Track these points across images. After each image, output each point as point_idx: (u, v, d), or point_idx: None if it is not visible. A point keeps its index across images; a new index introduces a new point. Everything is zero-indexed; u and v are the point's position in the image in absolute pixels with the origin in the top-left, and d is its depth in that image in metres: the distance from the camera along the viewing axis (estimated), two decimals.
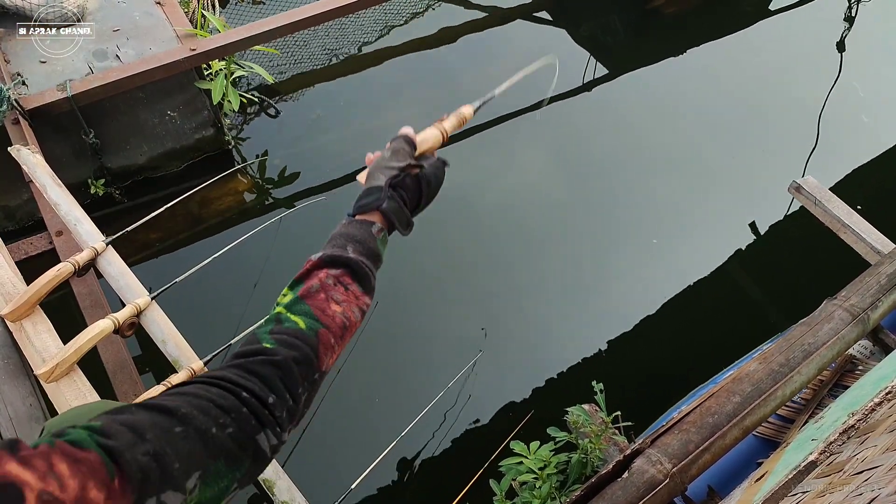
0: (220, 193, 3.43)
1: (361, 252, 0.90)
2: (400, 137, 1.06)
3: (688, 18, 4.68)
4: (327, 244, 0.91)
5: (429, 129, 1.12)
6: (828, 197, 2.71)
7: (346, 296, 0.86)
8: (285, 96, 3.93)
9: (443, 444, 2.68)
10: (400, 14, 4.44)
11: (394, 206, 0.95)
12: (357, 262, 0.88)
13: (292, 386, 0.74)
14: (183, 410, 0.64)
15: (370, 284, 0.89)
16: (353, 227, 0.92)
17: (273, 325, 0.80)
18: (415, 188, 1.01)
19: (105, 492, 0.53)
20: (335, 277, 0.86)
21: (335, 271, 0.86)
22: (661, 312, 3.15)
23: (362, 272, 0.88)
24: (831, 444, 1.50)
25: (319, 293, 0.84)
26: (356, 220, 0.94)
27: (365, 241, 0.91)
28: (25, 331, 1.96)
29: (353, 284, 0.87)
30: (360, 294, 0.87)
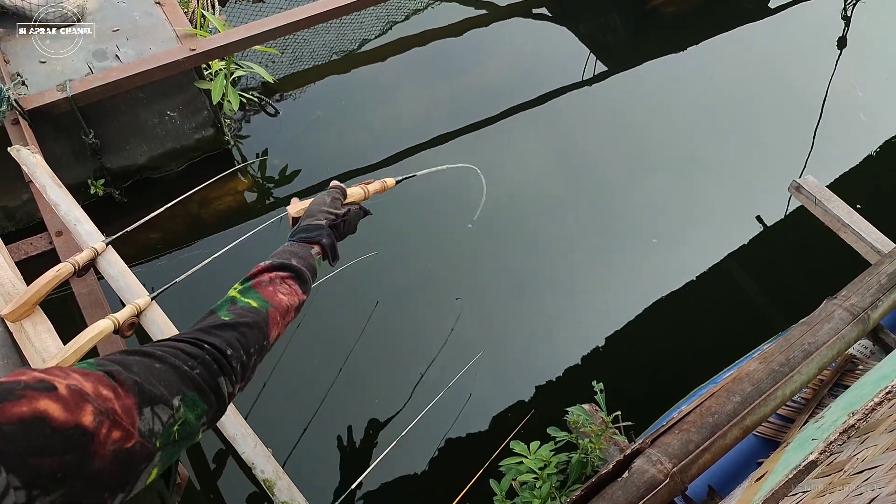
0: (220, 193, 3.43)
1: (303, 264, 1.12)
2: (336, 189, 1.34)
3: (687, 17, 4.68)
4: (273, 256, 1.13)
5: (356, 186, 1.43)
6: (828, 196, 2.71)
7: (290, 291, 1.07)
8: (285, 95, 3.93)
9: (443, 444, 2.68)
10: (400, 10, 4.44)
11: (329, 243, 1.23)
12: (300, 269, 1.10)
13: (245, 344, 0.91)
14: (159, 352, 0.79)
15: (307, 286, 1.12)
16: (295, 247, 1.18)
17: (229, 304, 0.99)
18: (343, 228, 1.31)
19: (112, 392, 0.67)
20: (281, 278, 1.07)
21: (283, 273, 1.08)
22: (661, 312, 3.15)
23: (304, 276, 1.10)
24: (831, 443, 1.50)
25: (268, 286, 1.05)
26: (298, 243, 1.19)
27: (306, 258, 1.15)
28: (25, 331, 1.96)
29: (295, 284, 1.08)
30: (300, 293, 1.09)
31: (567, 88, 4.10)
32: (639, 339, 3.07)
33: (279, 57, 4.07)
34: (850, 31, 4.59)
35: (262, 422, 2.50)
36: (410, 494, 2.58)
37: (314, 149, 3.72)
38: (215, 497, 2.51)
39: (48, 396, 0.60)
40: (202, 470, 2.56)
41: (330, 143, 3.75)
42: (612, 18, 4.72)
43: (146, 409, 0.70)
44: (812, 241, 3.38)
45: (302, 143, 3.73)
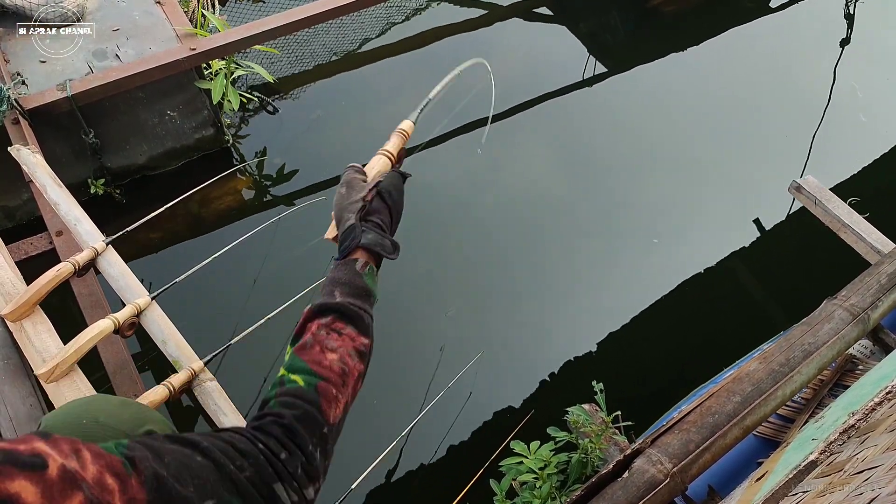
0: (220, 193, 3.43)
1: (348, 293, 0.91)
2: (350, 170, 1.06)
3: (688, 17, 4.68)
4: (319, 294, 0.93)
5: (375, 156, 1.14)
6: (828, 197, 2.71)
7: (341, 341, 0.86)
8: (285, 95, 3.93)
9: (443, 444, 2.68)
10: (401, 11, 4.44)
11: (372, 237, 0.96)
12: (344, 305, 0.89)
13: (301, 443, 0.76)
14: (204, 444, 0.68)
15: (364, 323, 0.90)
16: (338, 270, 0.94)
17: (277, 388, 0.82)
18: (383, 208, 1.02)
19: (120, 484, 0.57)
20: (326, 326, 0.87)
21: (325, 319, 0.87)
22: (661, 312, 3.15)
23: (351, 313, 0.89)
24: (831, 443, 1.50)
25: (314, 346, 0.85)
26: (340, 263, 0.95)
27: (351, 282, 0.92)
28: (25, 331, 1.96)
29: (346, 328, 0.87)
30: (356, 335, 0.88)
31: (567, 88, 4.09)
32: (639, 339, 3.07)
33: (279, 57, 4.07)
34: (853, 30, 4.59)
35: None
36: (410, 494, 2.58)
37: (314, 148, 3.72)
38: None
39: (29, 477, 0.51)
40: None
41: (330, 142, 3.75)
42: (612, 18, 4.72)
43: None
44: (812, 242, 3.38)
45: (302, 142, 3.73)
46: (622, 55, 4.44)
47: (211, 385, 1.93)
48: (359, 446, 2.65)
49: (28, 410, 1.87)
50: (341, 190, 1.02)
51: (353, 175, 1.04)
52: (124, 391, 2.08)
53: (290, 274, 3.02)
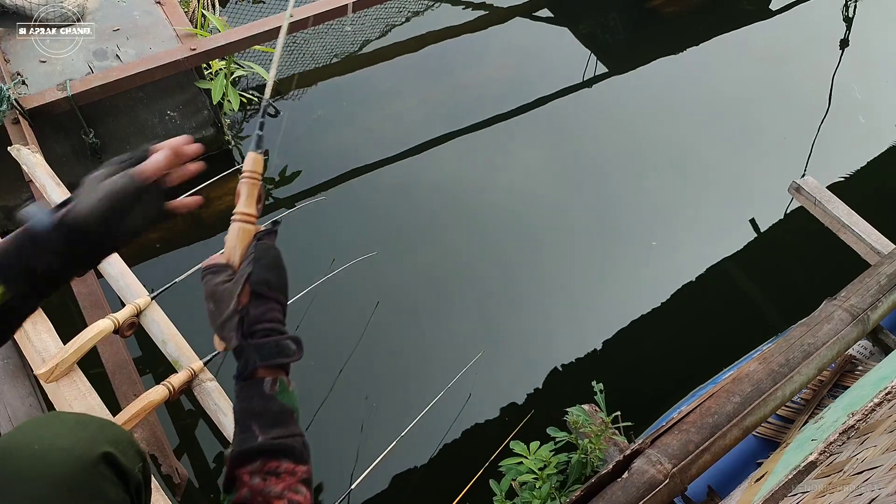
0: (220, 193, 3.43)
1: (267, 425, 0.83)
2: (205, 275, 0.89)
3: (688, 18, 4.68)
4: (235, 427, 0.85)
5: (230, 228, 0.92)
6: (827, 197, 2.71)
7: (282, 482, 0.80)
8: (286, 96, 3.93)
9: (443, 444, 2.68)
10: (401, 13, 4.44)
11: (267, 352, 0.85)
12: (268, 444, 0.81)
13: None
14: None
15: (296, 452, 0.83)
16: (244, 397, 0.85)
17: None
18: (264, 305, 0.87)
19: None
20: (259, 473, 0.80)
21: (254, 465, 0.81)
22: (660, 312, 3.15)
23: (278, 448, 0.82)
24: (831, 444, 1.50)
25: (255, 499, 0.79)
26: (243, 386, 0.86)
27: (265, 410, 0.84)
28: (25, 331, 1.96)
29: (281, 464, 0.81)
30: (294, 467, 0.82)
31: (567, 90, 4.10)
32: (638, 339, 3.07)
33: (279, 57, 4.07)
34: (851, 32, 4.59)
35: None
36: (410, 494, 2.58)
37: (315, 149, 3.72)
38: (215, 497, 2.51)
39: None
40: (202, 470, 2.56)
41: (330, 143, 3.75)
42: (612, 19, 4.73)
43: None
44: (812, 242, 3.38)
45: (302, 143, 3.73)
46: (622, 56, 4.45)
47: (211, 385, 1.93)
48: (359, 446, 2.65)
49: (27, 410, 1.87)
50: (209, 306, 0.88)
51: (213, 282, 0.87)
52: (124, 391, 2.08)
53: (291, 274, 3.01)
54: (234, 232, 0.90)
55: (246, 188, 0.94)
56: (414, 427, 2.39)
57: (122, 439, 1.04)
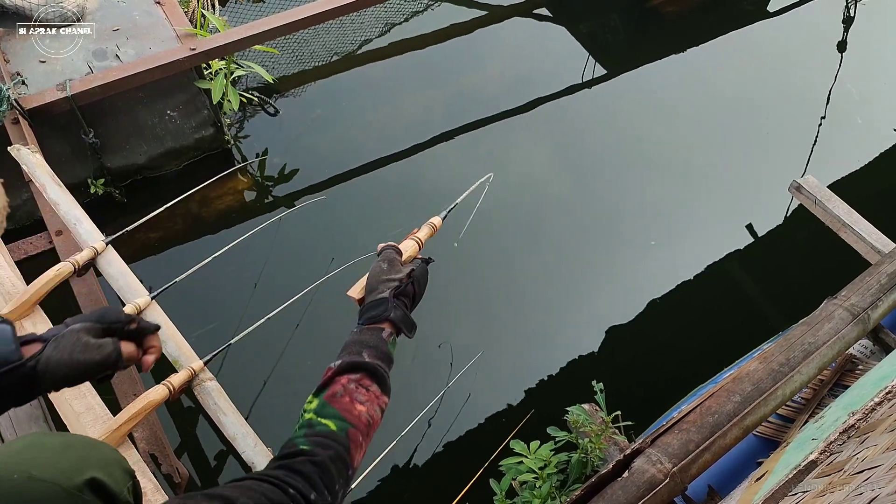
0: (220, 193, 3.43)
1: (376, 356, 1.00)
2: (389, 249, 1.21)
3: (688, 18, 4.68)
4: (343, 352, 1.01)
5: (407, 240, 1.33)
6: (828, 196, 2.70)
7: (368, 396, 0.96)
8: (285, 95, 3.93)
9: (443, 444, 2.68)
10: (400, 12, 4.44)
11: (400, 314, 1.07)
12: (374, 366, 0.98)
13: (330, 483, 0.85)
14: (241, 501, 0.75)
15: (387, 385, 1.00)
16: (365, 334, 1.03)
17: (306, 429, 0.90)
18: (411, 293, 1.14)
19: None
20: (356, 381, 0.96)
21: (355, 375, 0.96)
22: (661, 312, 3.15)
23: (379, 374, 0.98)
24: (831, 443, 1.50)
25: (344, 397, 0.94)
26: (367, 328, 1.05)
27: (378, 346, 1.02)
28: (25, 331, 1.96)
29: (372, 385, 0.97)
30: (380, 394, 0.98)
31: (567, 90, 4.10)
32: (638, 338, 3.07)
33: (279, 57, 4.07)
34: (851, 33, 4.59)
35: (262, 422, 2.50)
36: (410, 494, 2.58)
37: (314, 148, 3.72)
38: None
39: None
40: (202, 470, 2.56)
41: (330, 142, 3.75)
42: (612, 19, 4.72)
43: None
44: (812, 241, 3.38)
45: (302, 142, 3.73)
46: (622, 56, 4.44)
47: (211, 385, 1.93)
48: None
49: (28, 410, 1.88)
50: (382, 265, 1.16)
51: (394, 255, 1.20)
52: (124, 391, 2.08)
53: (291, 274, 3.02)
54: (409, 244, 1.32)
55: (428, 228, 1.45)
56: (414, 427, 2.39)
57: (109, 460, 1.03)
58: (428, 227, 1.43)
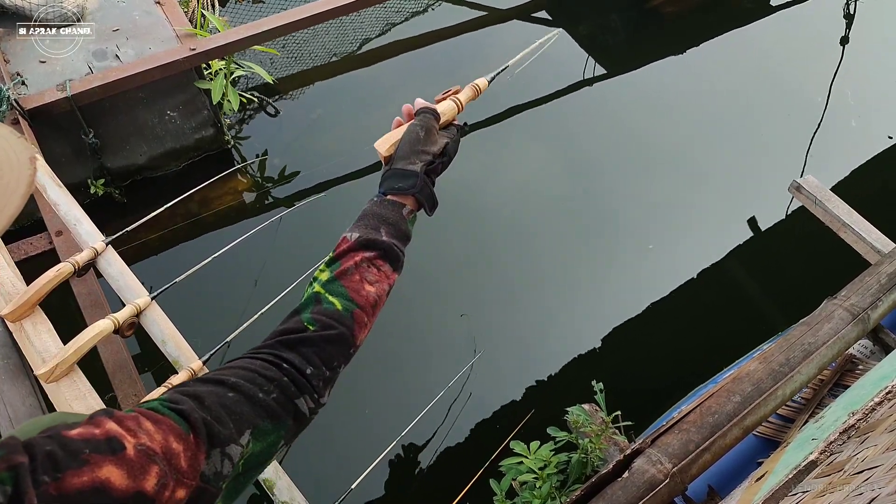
0: (220, 193, 3.43)
1: (393, 234, 0.97)
2: (427, 113, 1.09)
3: (687, 17, 4.68)
4: (359, 221, 0.97)
5: (447, 101, 1.16)
6: (828, 196, 2.70)
7: (379, 276, 0.94)
8: (285, 95, 3.93)
9: (443, 444, 2.68)
10: (400, 13, 4.44)
11: (427, 193, 1.01)
12: (390, 245, 0.95)
13: (328, 359, 0.85)
14: (233, 380, 0.76)
15: (400, 263, 0.99)
16: (385, 208, 0.98)
17: (313, 305, 0.89)
18: (440, 168, 1.07)
19: (183, 444, 0.65)
20: (369, 260, 0.93)
21: (369, 254, 0.94)
22: (661, 312, 3.15)
23: (394, 254, 0.96)
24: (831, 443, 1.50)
25: (354, 275, 0.92)
26: (388, 200, 0.99)
27: (397, 224, 0.97)
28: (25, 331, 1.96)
29: (385, 265, 0.95)
30: (391, 273, 0.97)
31: (567, 90, 4.09)
32: (639, 338, 3.07)
33: (279, 57, 4.07)
34: (852, 31, 4.59)
35: None
36: (410, 494, 2.58)
37: (314, 149, 3.72)
38: None
39: (113, 461, 0.59)
40: None
41: (330, 143, 3.75)
42: (611, 19, 4.72)
43: (215, 452, 0.68)
44: (812, 242, 3.38)
45: (302, 142, 3.73)
46: (622, 56, 4.44)
47: None
48: (359, 446, 2.65)
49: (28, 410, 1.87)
50: (420, 132, 1.05)
51: (433, 123, 1.08)
52: (124, 391, 2.08)
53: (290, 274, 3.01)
54: (450, 107, 1.15)
55: (471, 91, 1.21)
56: (414, 427, 2.39)
57: None
58: (471, 90, 1.22)
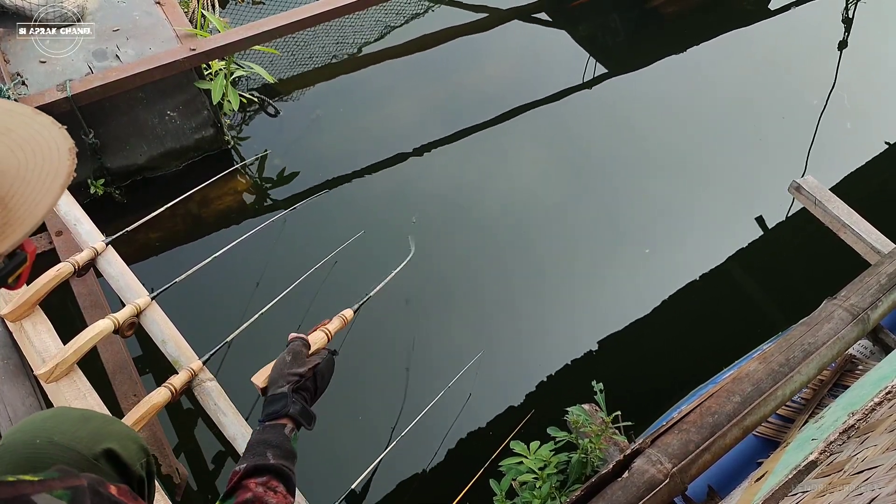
0: (220, 193, 3.43)
1: (280, 455, 1.02)
2: (297, 342, 1.24)
3: (688, 18, 4.68)
4: (246, 454, 1.03)
5: (317, 331, 1.35)
6: (828, 197, 2.71)
7: (277, 499, 0.96)
8: (285, 96, 3.93)
9: (443, 444, 2.68)
10: (400, 15, 4.44)
11: (299, 409, 1.10)
12: (279, 467, 1.00)
13: None
14: None
15: (292, 484, 1.02)
16: (267, 433, 1.06)
17: None
18: (313, 387, 1.18)
19: None
20: (263, 484, 0.97)
21: (262, 478, 0.97)
22: (660, 312, 3.15)
23: (284, 474, 1.00)
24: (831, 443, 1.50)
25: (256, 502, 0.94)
26: (268, 425, 1.07)
27: (281, 445, 1.04)
28: (25, 331, 1.96)
29: (279, 486, 0.98)
30: (286, 494, 0.99)
31: (567, 91, 4.10)
32: (638, 338, 3.07)
33: (279, 58, 4.08)
34: (851, 33, 4.59)
35: None
36: (410, 494, 2.58)
37: (314, 149, 3.72)
38: (214, 497, 2.51)
39: None
40: (202, 470, 2.56)
41: (330, 143, 3.75)
42: (611, 19, 4.72)
43: None
44: (812, 242, 3.38)
45: (302, 143, 3.73)
46: (622, 57, 4.44)
47: (211, 385, 1.93)
48: (359, 446, 2.65)
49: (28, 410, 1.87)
50: (286, 357, 1.20)
51: (300, 348, 1.23)
52: (124, 391, 2.08)
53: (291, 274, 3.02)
54: (319, 336, 1.35)
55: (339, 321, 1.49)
56: (414, 427, 2.39)
57: (125, 435, 1.10)
58: (339, 320, 1.48)
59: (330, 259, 2.94)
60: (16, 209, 0.68)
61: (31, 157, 0.72)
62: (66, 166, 0.74)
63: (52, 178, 0.72)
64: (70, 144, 0.77)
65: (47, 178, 0.71)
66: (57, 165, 0.73)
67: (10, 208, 0.68)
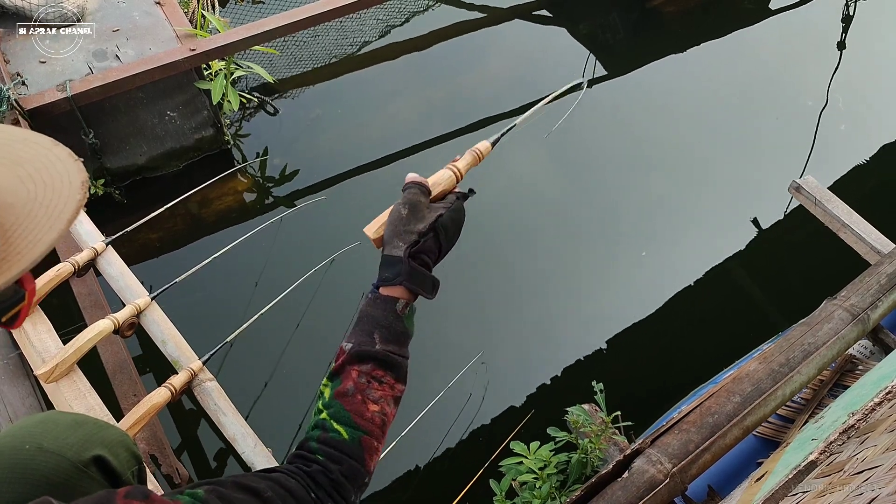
0: (220, 193, 3.43)
1: (388, 339, 0.91)
2: (413, 187, 0.99)
3: (688, 17, 4.68)
4: (356, 326, 0.92)
5: (442, 170, 1.05)
6: (827, 197, 2.70)
7: (382, 390, 0.91)
8: (285, 95, 3.93)
9: (443, 444, 2.68)
10: (400, 14, 4.44)
11: (416, 278, 0.93)
12: (384, 354, 0.90)
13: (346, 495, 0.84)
14: (268, 494, 0.76)
15: (403, 371, 0.93)
16: (377, 307, 0.92)
17: (319, 432, 0.87)
18: (435, 247, 0.96)
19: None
20: (367, 374, 0.90)
21: (365, 367, 0.90)
22: (660, 312, 3.15)
23: (391, 361, 0.91)
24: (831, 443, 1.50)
25: (356, 395, 0.88)
26: (380, 297, 0.93)
27: (391, 326, 0.92)
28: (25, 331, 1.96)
29: (385, 376, 0.91)
30: (394, 383, 0.93)
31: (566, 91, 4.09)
32: (639, 339, 3.07)
33: (279, 58, 4.07)
34: (849, 34, 4.59)
35: (262, 422, 2.50)
36: (410, 494, 2.58)
37: (314, 148, 3.72)
38: None
39: None
40: (202, 470, 2.56)
41: (330, 142, 3.75)
42: (612, 19, 4.72)
43: None
44: (812, 242, 3.38)
45: (302, 142, 3.73)
46: (622, 56, 4.44)
47: (211, 385, 1.93)
48: None
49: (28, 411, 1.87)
50: (402, 211, 0.96)
51: (418, 198, 0.98)
52: (124, 391, 2.08)
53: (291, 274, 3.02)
54: (445, 176, 1.03)
55: (470, 156, 1.09)
56: (414, 427, 2.39)
57: (117, 442, 1.07)
58: (471, 155, 1.09)
59: (330, 259, 2.94)
60: (16, 243, 0.66)
61: (41, 190, 0.70)
62: (75, 201, 0.72)
63: (59, 212, 0.70)
64: (84, 178, 0.75)
65: (54, 212, 0.70)
66: (66, 200, 0.72)
67: (11, 242, 0.66)
